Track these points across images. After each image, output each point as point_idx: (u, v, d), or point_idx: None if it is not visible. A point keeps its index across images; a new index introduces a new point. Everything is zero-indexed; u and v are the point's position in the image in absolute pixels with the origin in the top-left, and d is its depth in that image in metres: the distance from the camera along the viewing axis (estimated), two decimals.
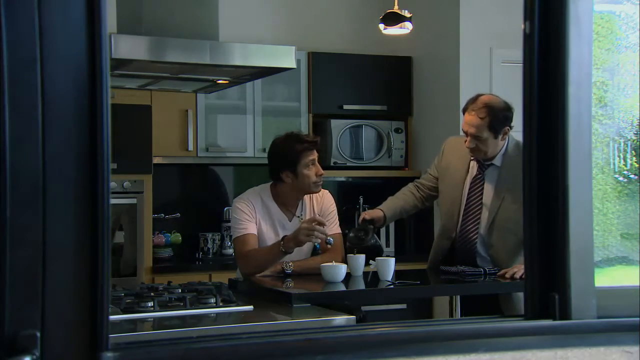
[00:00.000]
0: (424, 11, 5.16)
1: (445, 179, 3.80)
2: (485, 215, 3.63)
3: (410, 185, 3.95)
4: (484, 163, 3.67)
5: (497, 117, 3.53)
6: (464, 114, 3.64)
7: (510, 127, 3.59)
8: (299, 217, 3.65)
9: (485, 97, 3.63)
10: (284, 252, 3.43)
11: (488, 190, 3.65)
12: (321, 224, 3.41)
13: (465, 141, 3.61)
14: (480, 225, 3.64)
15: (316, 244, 3.75)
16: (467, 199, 3.68)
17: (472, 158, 3.70)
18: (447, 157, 3.83)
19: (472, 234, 3.65)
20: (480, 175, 3.68)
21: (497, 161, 3.64)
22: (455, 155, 3.78)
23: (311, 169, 3.56)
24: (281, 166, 3.58)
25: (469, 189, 3.69)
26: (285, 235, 3.46)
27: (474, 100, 3.62)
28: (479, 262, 3.64)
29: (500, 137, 3.58)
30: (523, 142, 1.59)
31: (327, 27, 5.67)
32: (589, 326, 1.52)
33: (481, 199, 3.65)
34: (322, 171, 3.61)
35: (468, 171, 3.72)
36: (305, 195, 3.67)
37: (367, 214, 3.76)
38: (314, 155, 3.59)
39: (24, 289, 1.16)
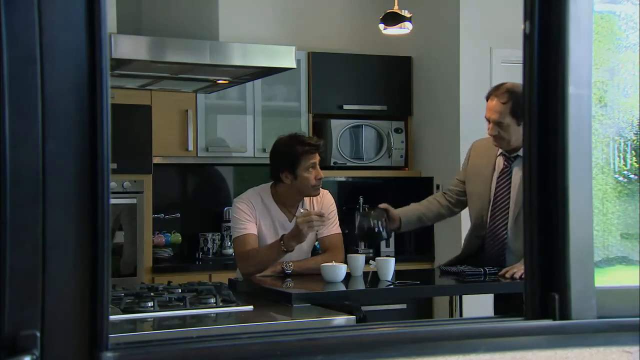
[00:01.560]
0: (424, 11, 5.16)
1: (473, 179, 3.71)
2: (512, 209, 3.53)
3: (438, 193, 3.89)
4: (509, 156, 3.57)
5: (519, 102, 3.38)
6: (487, 101, 3.54)
7: None
8: (296, 217, 3.64)
9: (509, 84, 3.52)
10: (284, 251, 3.42)
11: (515, 183, 3.53)
12: (319, 215, 3.40)
13: (488, 129, 3.51)
14: (508, 220, 3.54)
15: (316, 244, 3.75)
16: (495, 195, 3.59)
17: (498, 153, 3.60)
18: (473, 159, 3.75)
19: (501, 230, 3.56)
20: (507, 169, 3.58)
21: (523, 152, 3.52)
22: (481, 155, 3.70)
23: (311, 172, 3.55)
24: (281, 167, 3.57)
25: (496, 184, 3.59)
26: (284, 234, 3.45)
27: (497, 87, 3.54)
28: (508, 261, 3.53)
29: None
30: (523, 142, 1.59)
31: (327, 27, 5.67)
32: (589, 326, 1.52)
33: (509, 193, 3.55)
34: (321, 175, 3.59)
35: (495, 168, 3.62)
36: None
37: (385, 205, 3.67)
38: (315, 158, 3.57)
39: (23, 289, 1.15)
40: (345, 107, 5.47)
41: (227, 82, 3.79)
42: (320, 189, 3.70)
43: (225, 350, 1.33)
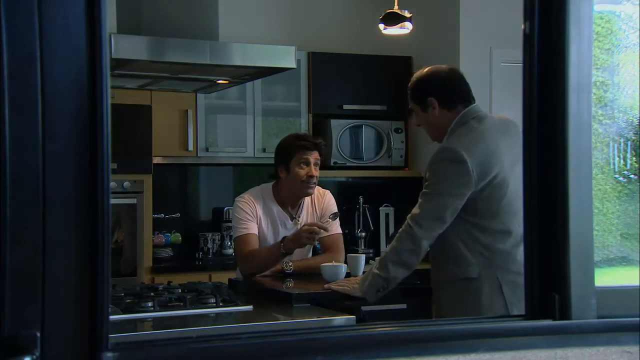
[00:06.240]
0: (424, 11, 5.16)
1: None
2: None
3: None
4: None
5: (416, 85, 3.31)
6: None
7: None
8: (295, 218, 3.64)
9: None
10: (284, 254, 3.43)
11: None
12: (323, 228, 3.40)
13: None
14: None
15: (316, 243, 3.75)
16: None
17: None
18: None
19: None
20: None
21: None
22: None
23: (303, 168, 3.53)
24: (278, 160, 3.60)
25: None
26: (285, 237, 3.46)
27: None
28: None
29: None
30: (523, 142, 1.59)
31: (327, 27, 5.67)
32: (589, 326, 1.52)
33: None
34: (314, 173, 3.55)
35: None
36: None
37: None
38: (311, 155, 3.55)
39: (24, 289, 1.15)
40: (345, 107, 5.47)
41: (227, 82, 3.79)
42: (321, 188, 3.70)
43: (225, 350, 1.33)
